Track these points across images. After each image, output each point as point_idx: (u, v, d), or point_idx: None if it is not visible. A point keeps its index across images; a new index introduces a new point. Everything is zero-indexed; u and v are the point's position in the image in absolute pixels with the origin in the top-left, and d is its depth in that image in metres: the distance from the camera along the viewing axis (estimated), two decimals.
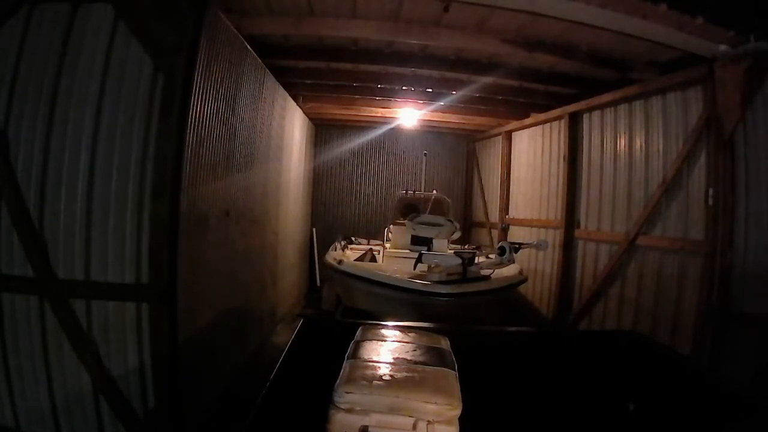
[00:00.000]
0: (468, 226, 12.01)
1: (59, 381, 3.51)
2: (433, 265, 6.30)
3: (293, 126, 8.04)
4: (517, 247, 6.36)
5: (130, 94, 3.50)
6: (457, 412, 2.09)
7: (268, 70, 5.86)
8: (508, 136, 10.08)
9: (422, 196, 9.69)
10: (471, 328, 3.68)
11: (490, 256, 7.78)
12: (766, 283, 4.30)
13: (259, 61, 5.44)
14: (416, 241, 8.34)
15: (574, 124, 7.51)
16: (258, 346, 6.02)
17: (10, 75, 3.49)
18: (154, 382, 3.50)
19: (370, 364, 2.38)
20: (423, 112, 9.29)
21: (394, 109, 9.44)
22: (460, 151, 12.58)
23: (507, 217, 9.87)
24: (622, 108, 6.37)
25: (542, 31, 5.12)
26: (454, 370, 2.42)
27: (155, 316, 3.46)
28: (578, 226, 7.29)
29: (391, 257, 8.13)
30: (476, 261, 6.87)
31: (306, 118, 9.61)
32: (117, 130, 3.48)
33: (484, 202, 11.30)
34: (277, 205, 7.06)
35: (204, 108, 3.86)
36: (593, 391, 2.96)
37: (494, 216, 10.57)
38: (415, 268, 6.61)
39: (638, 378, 3.09)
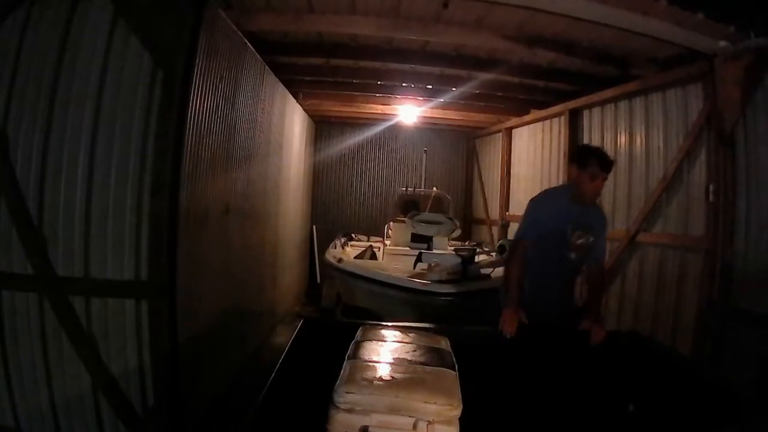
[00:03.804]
0: (468, 223, 12.01)
1: (59, 378, 3.50)
2: (433, 264, 6.31)
3: (293, 123, 8.03)
4: None
5: (130, 91, 3.49)
6: (457, 412, 2.08)
7: (267, 67, 5.85)
8: (509, 133, 10.06)
9: (422, 193, 9.68)
10: (471, 328, 3.68)
11: (491, 254, 7.79)
12: (766, 279, 4.30)
13: (259, 57, 5.43)
14: (416, 238, 8.34)
15: (575, 120, 7.49)
16: (258, 346, 6.02)
17: (9, 72, 3.47)
18: (154, 379, 3.49)
19: (371, 364, 2.37)
20: (423, 108, 9.27)
21: (394, 106, 9.42)
22: (460, 148, 12.57)
23: (507, 214, 9.87)
24: (623, 104, 6.35)
25: (542, 27, 5.10)
26: (454, 370, 2.42)
27: (155, 313, 3.46)
28: None
29: (391, 254, 8.13)
30: (476, 259, 6.88)
31: (306, 114, 9.60)
32: (116, 126, 3.48)
33: (484, 198, 11.29)
34: (276, 202, 7.06)
35: (203, 105, 3.85)
36: (593, 391, 2.96)
37: (494, 213, 10.56)
38: (415, 268, 6.62)
39: (638, 378, 3.08)
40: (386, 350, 2.59)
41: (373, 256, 8.39)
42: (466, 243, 9.64)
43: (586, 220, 3.54)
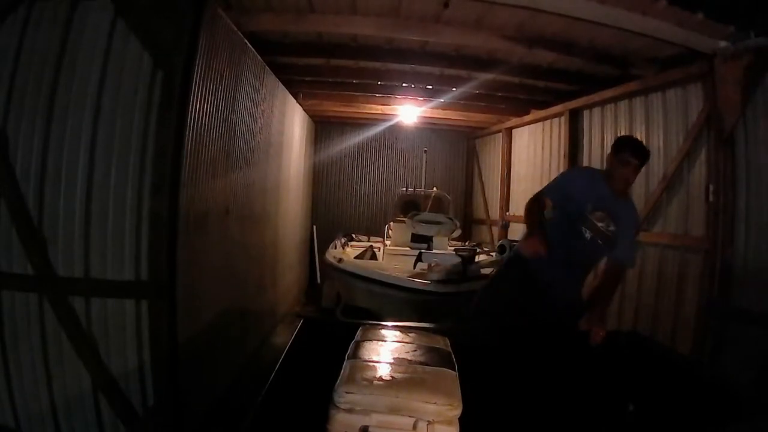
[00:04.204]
0: (468, 223, 12.01)
1: (59, 379, 3.51)
2: (433, 264, 6.31)
3: (293, 123, 8.02)
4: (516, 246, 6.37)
5: (129, 91, 3.49)
6: (458, 412, 2.08)
7: (267, 67, 5.85)
8: (509, 133, 10.06)
9: (422, 193, 9.68)
10: (471, 328, 3.68)
11: (491, 254, 7.78)
12: (766, 279, 4.30)
13: (259, 58, 5.43)
14: (416, 238, 8.35)
15: (575, 120, 7.49)
16: (258, 346, 6.02)
17: (9, 73, 3.48)
18: (154, 379, 3.49)
19: (371, 364, 2.37)
20: (423, 109, 9.27)
21: (394, 106, 9.43)
22: (460, 148, 12.58)
23: (507, 214, 9.87)
24: (623, 104, 6.35)
25: (542, 27, 5.11)
26: (454, 370, 2.41)
27: (155, 313, 3.46)
28: None
29: (391, 254, 8.14)
30: (476, 259, 6.88)
31: (306, 115, 9.60)
32: (116, 127, 3.48)
33: (485, 199, 11.29)
34: (277, 203, 7.05)
35: (203, 105, 3.85)
36: (593, 391, 2.96)
37: (494, 213, 10.56)
38: (415, 267, 6.62)
39: (638, 378, 3.08)
40: (386, 350, 2.58)
41: (373, 256, 8.40)
42: (466, 243, 9.64)
43: (612, 207, 3.49)
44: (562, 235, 3.51)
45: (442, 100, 8.21)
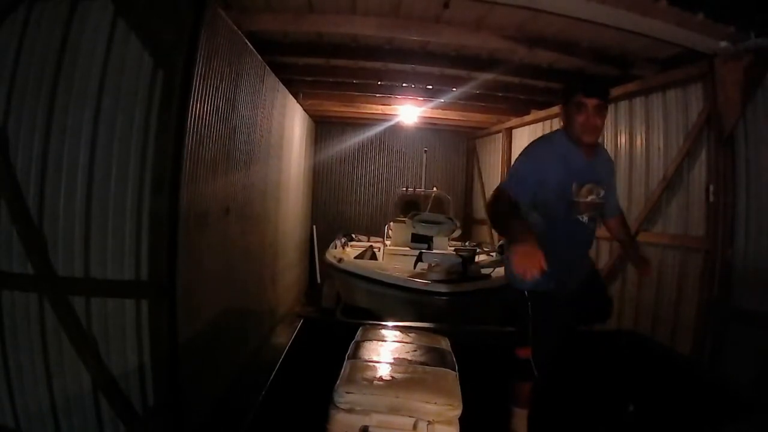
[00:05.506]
0: (468, 224, 12.00)
1: (59, 379, 3.50)
2: (433, 264, 6.31)
3: (293, 123, 8.02)
4: None
5: (130, 91, 3.49)
6: (458, 412, 2.08)
7: (267, 67, 5.85)
8: (509, 133, 10.06)
9: (422, 193, 9.68)
10: (471, 328, 3.68)
11: (491, 254, 7.78)
12: (766, 279, 4.29)
13: (259, 57, 5.43)
14: (416, 238, 8.34)
15: None
16: (258, 346, 6.02)
17: (9, 72, 3.47)
18: (154, 379, 3.49)
19: (371, 364, 2.38)
20: (423, 109, 9.27)
21: (394, 106, 9.44)
22: (460, 148, 12.59)
23: None
24: (623, 105, 6.34)
25: (543, 28, 5.10)
26: (455, 370, 2.42)
27: (155, 313, 3.46)
28: None
29: (391, 254, 8.14)
30: (476, 259, 6.88)
31: (306, 114, 9.60)
32: (116, 126, 3.47)
33: (485, 199, 11.26)
34: (277, 203, 7.05)
35: (204, 105, 3.85)
36: (593, 391, 2.96)
37: None
38: (415, 267, 6.62)
39: (638, 378, 3.08)
40: (386, 350, 2.59)
41: (373, 256, 8.40)
42: (467, 243, 9.64)
43: (594, 169, 2.90)
44: (559, 228, 2.88)
45: (442, 100, 8.20)
